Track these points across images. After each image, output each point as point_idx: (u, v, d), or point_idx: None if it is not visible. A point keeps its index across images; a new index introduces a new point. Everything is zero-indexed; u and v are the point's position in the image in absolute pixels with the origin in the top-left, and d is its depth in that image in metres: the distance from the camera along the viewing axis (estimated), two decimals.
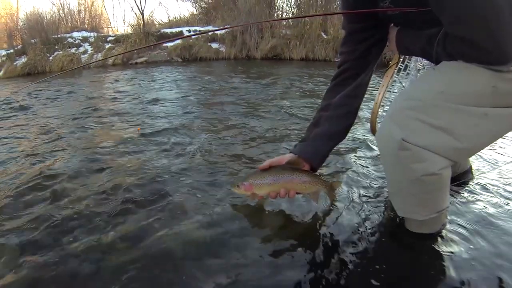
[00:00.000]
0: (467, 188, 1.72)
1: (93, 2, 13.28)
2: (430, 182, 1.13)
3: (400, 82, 1.81)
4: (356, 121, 1.56)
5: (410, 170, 1.11)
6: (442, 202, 1.23)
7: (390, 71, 1.71)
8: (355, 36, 1.45)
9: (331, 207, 1.56)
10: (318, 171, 1.57)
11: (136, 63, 10.44)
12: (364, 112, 3.20)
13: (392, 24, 1.39)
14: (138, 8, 11.88)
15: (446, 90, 1.07)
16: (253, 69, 7.68)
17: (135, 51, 10.81)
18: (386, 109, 1.70)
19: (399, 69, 1.79)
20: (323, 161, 1.55)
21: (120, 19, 20.48)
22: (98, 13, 13.64)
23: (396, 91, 1.82)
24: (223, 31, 11.16)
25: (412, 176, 1.12)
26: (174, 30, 11.67)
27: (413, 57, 1.84)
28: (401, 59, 1.73)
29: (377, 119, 1.74)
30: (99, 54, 10.77)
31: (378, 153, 2.39)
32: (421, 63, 1.87)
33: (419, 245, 1.29)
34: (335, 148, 1.53)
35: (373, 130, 1.79)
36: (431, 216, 1.25)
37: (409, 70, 1.84)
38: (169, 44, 11.07)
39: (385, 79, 1.71)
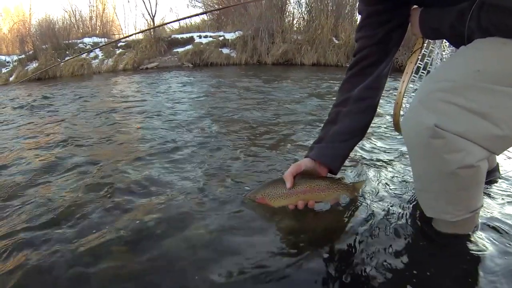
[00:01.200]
0: (495, 187, 1.56)
1: (104, 9, 13.34)
2: (466, 177, 0.95)
3: (425, 68, 1.64)
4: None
5: (443, 162, 0.94)
6: (476, 200, 1.06)
7: (413, 56, 1.51)
8: (374, 19, 1.28)
9: (352, 209, 1.40)
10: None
11: (147, 68, 10.42)
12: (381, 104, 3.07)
13: (415, 6, 1.23)
14: (149, 14, 11.90)
15: (483, 68, 0.91)
16: (265, 73, 7.57)
17: (146, 57, 10.81)
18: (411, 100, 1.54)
19: (423, 55, 1.61)
20: (343, 163, 1.38)
21: (131, 26, 20.65)
22: (109, 20, 13.69)
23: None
24: (234, 35, 11.08)
25: (446, 169, 0.95)
26: (185, 35, 11.66)
27: (437, 42, 1.68)
28: (425, 44, 1.56)
29: (401, 110, 1.55)
30: (110, 59, 10.78)
31: (400, 146, 2.26)
32: (446, 50, 1.72)
33: (450, 248, 1.12)
34: None
35: (396, 124, 1.59)
36: (465, 216, 1.07)
37: (434, 56, 1.67)
38: (180, 50, 11.04)
39: (408, 66, 1.51)
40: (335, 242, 1.20)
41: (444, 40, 1.65)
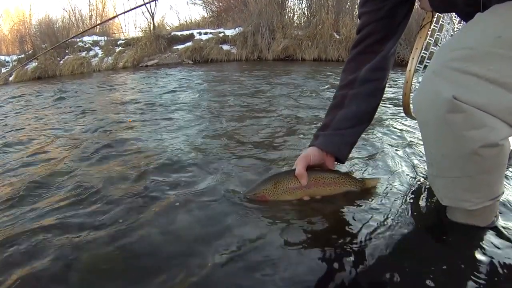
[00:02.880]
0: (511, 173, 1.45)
1: (104, 7, 13.29)
2: (488, 157, 0.85)
3: (436, 44, 1.54)
4: None
5: (463, 140, 0.84)
6: (498, 186, 0.94)
7: (423, 31, 1.40)
8: None
9: (359, 199, 1.29)
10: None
11: (147, 65, 10.35)
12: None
13: None
14: (148, 11, 11.80)
15: (505, 34, 0.80)
16: (266, 69, 7.49)
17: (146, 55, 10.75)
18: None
19: (433, 30, 1.51)
20: (350, 151, 1.30)
21: (131, 24, 20.63)
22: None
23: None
24: (234, 32, 11.00)
25: (465, 149, 0.85)
26: (184, 32, 11.59)
27: (446, 18, 1.58)
28: (434, 18, 1.46)
29: (412, 90, 1.45)
30: (109, 57, 10.72)
31: (410, 131, 2.19)
32: (456, 27, 1.63)
33: (467, 242, 1.02)
34: None
35: (406, 106, 1.49)
36: (484, 204, 0.96)
37: (445, 32, 1.58)
38: (180, 47, 10.97)
39: (418, 41, 1.41)
40: (341, 235, 1.10)
41: (454, 16, 1.57)
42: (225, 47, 10.92)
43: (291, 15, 11.63)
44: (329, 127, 1.29)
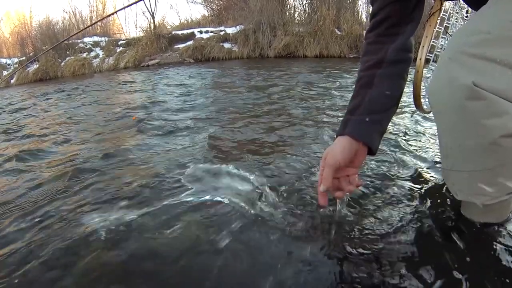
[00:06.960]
0: None
1: (104, 8, 13.27)
2: (508, 148, 0.79)
3: (446, 32, 1.48)
4: None
5: (482, 129, 0.78)
6: None
7: (433, 19, 1.34)
8: None
9: (368, 195, 1.24)
10: None
11: (148, 65, 10.33)
12: None
13: None
14: (148, 11, 11.78)
15: None
16: (268, 66, 7.42)
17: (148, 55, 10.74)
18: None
19: (443, 18, 1.45)
20: (381, 138, 1.08)
21: (132, 24, 20.66)
22: (110, 19, 13.60)
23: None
24: (235, 30, 10.97)
25: (485, 139, 0.79)
26: (185, 31, 11.57)
27: (456, 7, 1.54)
28: (443, 7, 1.40)
29: (423, 80, 1.37)
30: (111, 58, 10.71)
31: (420, 125, 2.14)
32: (466, 14, 1.58)
33: (483, 238, 0.95)
34: None
35: (416, 97, 1.41)
36: (501, 198, 0.89)
37: (455, 20, 1.53)
38: (181, 46, 10.95)
39: (428, 29, 1.35)
40: (349, 235, 1.05)
41: (462, 4, 1.53)
42: (226, 45, 10.89)
43: (292, 11, 11.59)
44: (359, 109, 1.06)
